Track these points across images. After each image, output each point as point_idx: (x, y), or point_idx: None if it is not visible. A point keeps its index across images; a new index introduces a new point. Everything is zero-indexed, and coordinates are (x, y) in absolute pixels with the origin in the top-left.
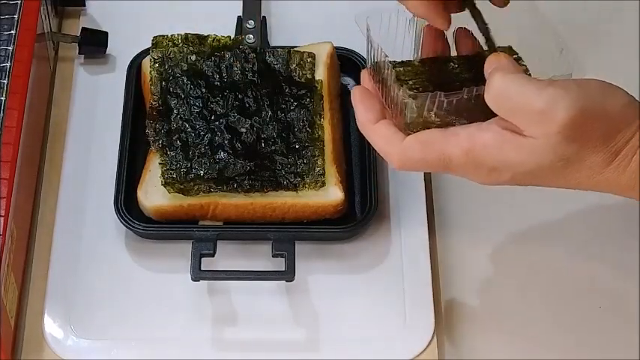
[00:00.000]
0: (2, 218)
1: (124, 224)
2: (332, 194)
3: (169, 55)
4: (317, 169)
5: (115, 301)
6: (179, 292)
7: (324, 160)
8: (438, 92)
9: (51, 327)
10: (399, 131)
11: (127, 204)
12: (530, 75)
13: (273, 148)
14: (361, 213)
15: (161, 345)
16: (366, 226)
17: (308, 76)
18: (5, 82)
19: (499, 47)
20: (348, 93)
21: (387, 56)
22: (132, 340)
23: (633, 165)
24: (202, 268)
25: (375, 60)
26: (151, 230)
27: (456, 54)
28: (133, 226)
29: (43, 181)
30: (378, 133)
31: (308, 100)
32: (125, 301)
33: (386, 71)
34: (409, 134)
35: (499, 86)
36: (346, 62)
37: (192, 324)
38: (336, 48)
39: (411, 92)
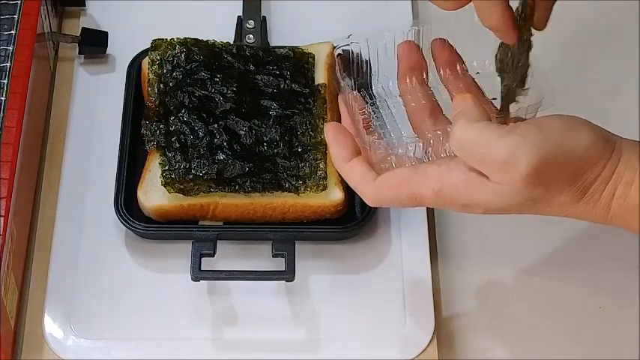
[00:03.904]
0: (2, 218)
1: (124, 224)
2: (332, 194)
3: (167, 57)
4: (319, 172)
5: (115, 300)
6: (179, 292)
7: (326, 163)
8: (403, 137)
9: (51, 327)
10: (371, 169)
11: (127, 204)
12: (499, 111)
13: (274, 150)
14: (361, 213)
15: (161, 345)
16: (366, 226)
17: (308, 76)
18: (5, 82)
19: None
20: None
21: (355, 90)
22: (132, 340)
23: (603, 201)
24: (202, 268)
25: (347, 92)
26: (151, 230)
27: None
28: (133, 226)
29: (43, 181)
30: (351, 171)
31: (311, 103)
32: (125, 301)
33: (354, 107)
34: (381, 169)
35: (461, 135)
36: (346, 62)
37: (192, 324)
38: None
39: (372, 138)
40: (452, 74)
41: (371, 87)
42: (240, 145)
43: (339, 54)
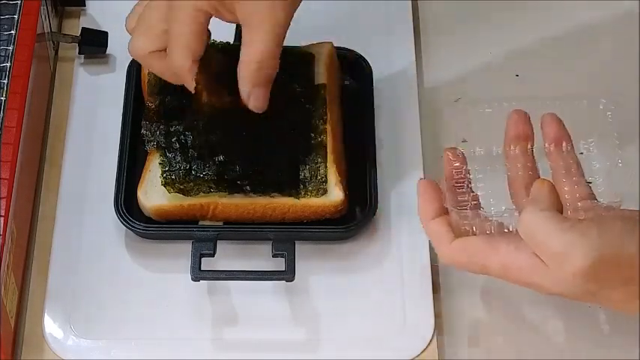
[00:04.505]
0: (2, 218)
1: (124, 224)
2: (332, 194)
3: None
4: (319, 176)
5: (115, 300)
6: (179, 292)
7: (326, 167)
8: (479, 212)
9: (51, 327)
10: (450, 230)
11: (127, 204)
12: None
13: (275, 151)
14: (361, 213)
15: (161, 345)
16: (366, 226)
17: (308, 76)
18: (5, 82)
19: None
20: (348, 93)
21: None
22: (132, 340)
23: None
24: (202, 268)
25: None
26: (151, 230)
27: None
28: (133, 226)
29: (43, 181)
30: (432, 229)
31: (311, 104)
32: (125, 301)
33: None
34: (461, 231)
35: (527, 221)
36: (346, 62)
37: (192, 324)
38: (336, 48)
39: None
40: (556, 150)
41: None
42: (240, 146)
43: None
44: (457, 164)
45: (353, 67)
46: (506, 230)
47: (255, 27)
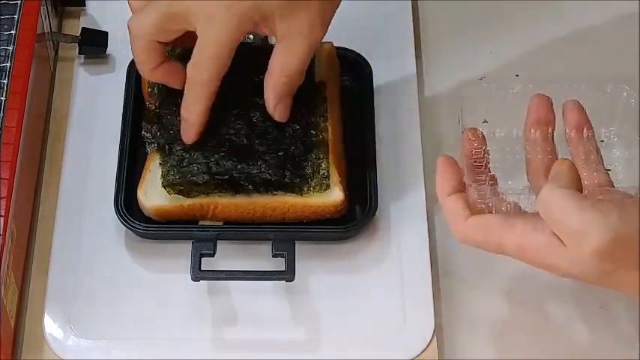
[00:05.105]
0: (2, 218)
1: (124, 224)
2: (332, 194)
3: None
4: (321, 172)
5: (115, 301)
6: (179, 292)
7: (328, 162)
8: (497, 191)
9: (51, 327)
10: (466, 208)
11: (127, 204)
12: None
13: (276, 150)
14: (361, 213)
15: (161, 345)
16: (366, 226)
17: (309, 75)
18: (5, 82)
19: None
20: (348, 93)
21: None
22: (132, 340)
23: None
24: (202, 268)
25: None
26: (151, 230)
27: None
28: (133, 226)
29: (43, 181)
30: (448, 205)
31: (312, 102)
32: (125, 301)
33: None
34: (477, 209)
35: (545, 197)
36: (346, 62)
37: (192, 324)
38: (336, 48)
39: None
40: (576, 136)
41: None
42: (241, 145)
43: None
44: (476, 144)
45: (353, 67)
46: (523, 211)
47: (292, 44)
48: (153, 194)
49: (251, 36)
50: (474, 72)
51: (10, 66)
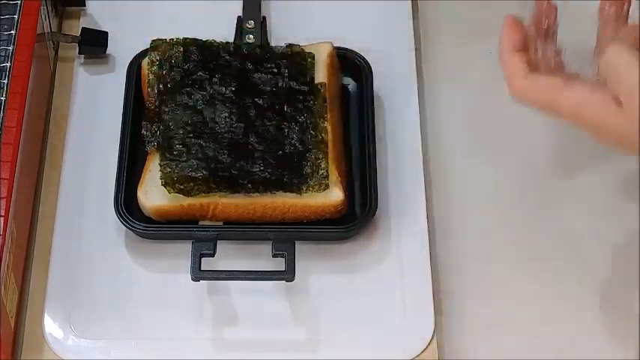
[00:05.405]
0: (2, 218)
1: (124, 224)
2: (332, 194)
3: (166, 58)
4: (321, 171)
5: (115, 301)
6: (179, 292)
7: (327, 162)
8: (561, 53)
9: (51, 327)
10: (527, 67)
11: (127, 204)
12: None
13: (275, 150)
14: (361, 213)
15: (161, 345)
16: (366, 226)
17: (306, 74)
18: (5, 82)
19: None
20: (348, 93)
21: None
22: (132, 340)
23: None
24: (202, 268)
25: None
26: (151, 230)
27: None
28: (133, 226)
29: (43, 181)
30: (509, 61)
31: (311, 102)
32: (125, 301)
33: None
34: (538, 69)
35: (611, 53)
36: (346, 62)
37: (192, 324)
38: (336, 48)
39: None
40: None
41: None
42: (241, 144)
43: None
44: (547, 9)
45: (353, 67)
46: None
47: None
48: (153, 194)
49: (251, 36)
50: (475, 71)
51: (10, 66)
